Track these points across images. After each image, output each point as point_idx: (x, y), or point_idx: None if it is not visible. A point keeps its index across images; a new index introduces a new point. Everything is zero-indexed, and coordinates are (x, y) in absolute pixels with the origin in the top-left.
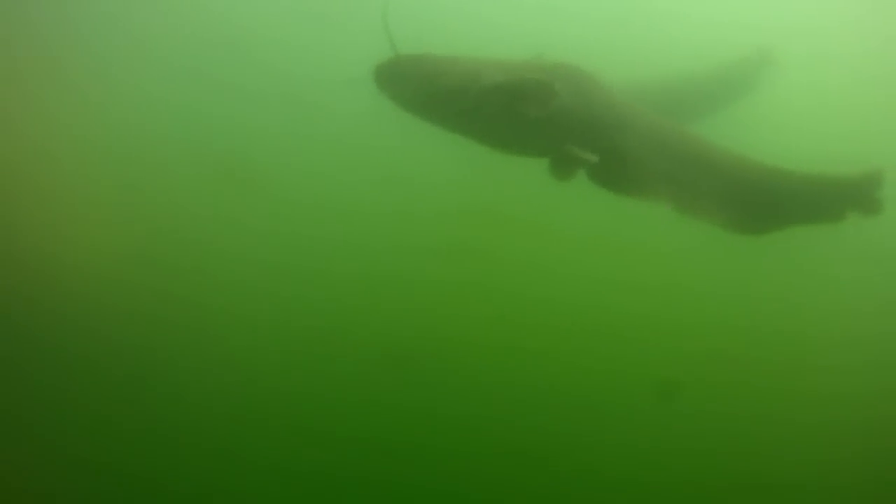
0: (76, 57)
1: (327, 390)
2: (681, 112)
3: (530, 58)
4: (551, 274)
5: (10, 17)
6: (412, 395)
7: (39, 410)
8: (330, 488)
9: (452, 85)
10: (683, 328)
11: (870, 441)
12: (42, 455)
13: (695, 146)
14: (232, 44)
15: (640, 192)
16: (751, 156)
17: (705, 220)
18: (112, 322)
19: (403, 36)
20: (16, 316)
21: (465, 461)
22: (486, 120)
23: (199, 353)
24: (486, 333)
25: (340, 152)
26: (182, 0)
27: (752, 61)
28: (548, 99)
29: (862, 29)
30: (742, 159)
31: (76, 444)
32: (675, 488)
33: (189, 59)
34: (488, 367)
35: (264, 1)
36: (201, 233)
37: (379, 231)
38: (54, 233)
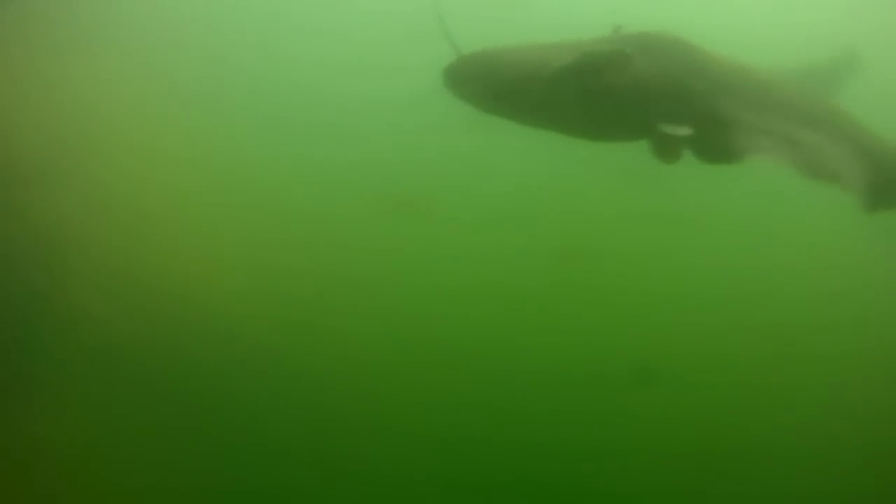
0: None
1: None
2: None
3: (608, 35)
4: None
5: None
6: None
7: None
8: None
9: (521, 74)
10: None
11: None
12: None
13: (821, 109)
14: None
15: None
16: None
17: (833, 185)
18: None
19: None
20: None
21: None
22: (564, 105)
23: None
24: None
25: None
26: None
27: (839, 62)
28: (622, 66)
29: None
30: (863, 126)
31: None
32: None
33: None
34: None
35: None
36: (374, 260)
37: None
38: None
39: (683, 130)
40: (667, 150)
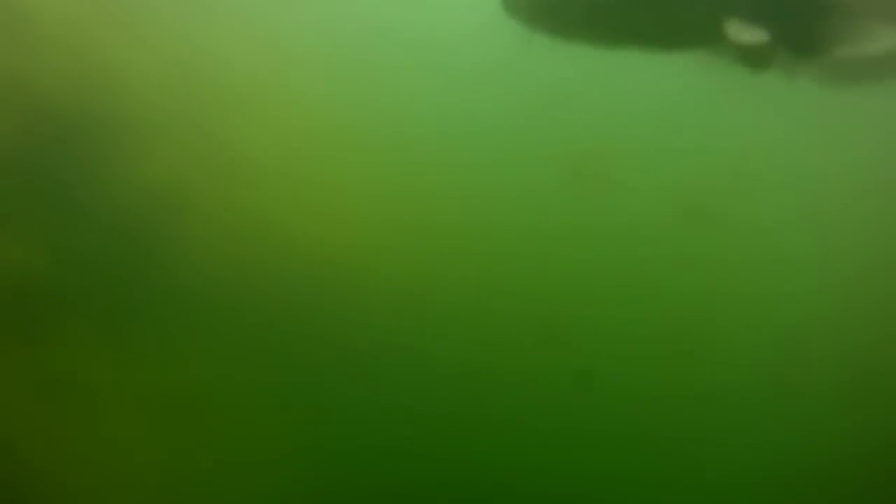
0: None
1: None
2: None
3: None
4: None
5: None
6: None
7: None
8: None
9: None
10: None
11: None
12: None
13: None
14: None
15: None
16: None
17: None
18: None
19: None
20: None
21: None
22: (618, 11)
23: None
24: None
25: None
26: None
27: None
28: None
29: None
30: None
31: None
32: None
33: None
34: None
35: None
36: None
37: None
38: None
39: (758, 35)
40: (755, 56)
